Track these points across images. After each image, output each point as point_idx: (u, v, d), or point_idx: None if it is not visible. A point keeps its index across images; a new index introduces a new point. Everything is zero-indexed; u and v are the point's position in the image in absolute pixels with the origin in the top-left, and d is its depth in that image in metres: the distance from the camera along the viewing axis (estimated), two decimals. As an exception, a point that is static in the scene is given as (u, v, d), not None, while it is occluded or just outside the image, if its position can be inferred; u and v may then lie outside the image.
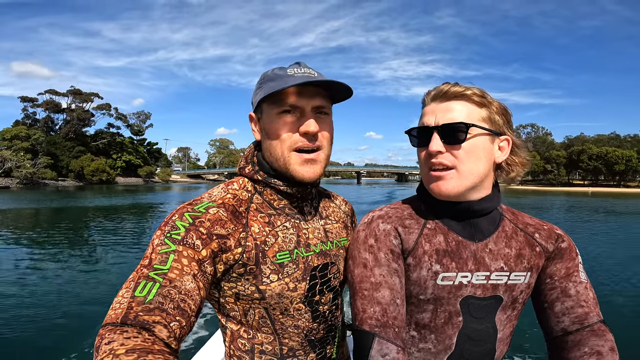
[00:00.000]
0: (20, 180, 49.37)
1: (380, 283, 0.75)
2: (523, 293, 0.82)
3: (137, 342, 0.53)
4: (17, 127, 56.07)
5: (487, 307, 0.80)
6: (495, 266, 0.80)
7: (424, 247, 0.79)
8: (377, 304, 0.74)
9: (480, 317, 0.80)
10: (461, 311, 0.79)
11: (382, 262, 0.77)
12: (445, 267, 0.78)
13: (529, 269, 0.82)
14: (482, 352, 0.80)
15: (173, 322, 0.59)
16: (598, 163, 61.75)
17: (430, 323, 0.80)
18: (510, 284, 0.80)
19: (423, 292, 0.78)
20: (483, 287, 0.79)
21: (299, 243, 0.82)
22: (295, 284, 0.79)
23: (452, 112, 0.76)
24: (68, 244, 10.54)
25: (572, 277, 0.81)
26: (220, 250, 0.72)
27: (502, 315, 0.81)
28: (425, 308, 0.79)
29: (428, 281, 0.78)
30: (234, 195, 0.80)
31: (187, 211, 0.73)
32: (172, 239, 0.68)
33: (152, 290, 0.60)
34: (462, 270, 0.78)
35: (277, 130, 0.79)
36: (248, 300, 0.78)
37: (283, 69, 0.80)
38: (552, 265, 0.83)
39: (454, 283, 0.78)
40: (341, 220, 0.96)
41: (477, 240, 0.81)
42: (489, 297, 0.80)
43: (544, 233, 0.85)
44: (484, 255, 0.80)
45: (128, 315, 0.57)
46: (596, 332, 0.76)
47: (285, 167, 0.79)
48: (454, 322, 0.79)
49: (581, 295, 0.79)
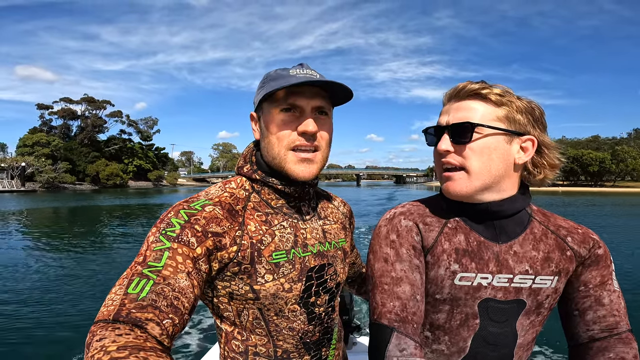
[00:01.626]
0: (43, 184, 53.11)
1: (401, 278, 0.75)
2: (549, 298, 0.79)
3: (129, 339, 0.52)
4: (37, 134, 59.71)
5: (508, 311, 0.78)
6: (520, 269, 0.77)
7: (443, 246, 0.78)
8: (397, 299, 0.73)
9: (499, 320, 0.78)
10: (479, 314, 0.77)
11: (404, 257, 0.76)
12: (464, 267, 0.76)
13: (556, 273, 0.79)
14: (497, 357, 0.78)
15: (166, 320, 0.59)
16: (574, 165, 66.97)
17: (445, 324, 0.78)
18: (535, 287, 0.78)
19: (439, 291, 0.77)
20: (505, 289, 0.77)
21: (296, 243, 0.81)
22: (291, 285, 0.78)
23: (464, 112, 0.76)
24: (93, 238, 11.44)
25: (607, 286, 0.79)
26: (215, 248, 0.71)
27: (524, 320, 0.79)
28: (441, 308, 0.78)
29: (445, 280, 0.77)
30: (231, 193, 0.80)
31: (183, 208, 0.73)
32: (167, 236, 0.67)
33: (146, 287, 0.60)
34: (482, 272, 0.77)
35: (275, 128, 0.79)
36: (242, 300, 0.77)
37: (286, 69, 0.81)
38: (587, 272, 0.80)
39: (472, 284, 0.76)
40: (339, 221, 0.96)
41: (502, 242, 0.78)
42: (511, 300, 0.77)
43: (577, 237, 0.82)
44: (508, 258, 0.78)
45: (120, 312, 0.56)
46: (623, 340, 0.76)
47: (281, 165, 0.80)
48: (470, 324, 0.77)
49: (614, 305, 0.78)
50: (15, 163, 53.13)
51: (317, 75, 0.80)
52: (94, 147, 66.37)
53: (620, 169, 66.08)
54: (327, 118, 0.83)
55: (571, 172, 69.83)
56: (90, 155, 63.53)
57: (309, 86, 0.78)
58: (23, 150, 57.13)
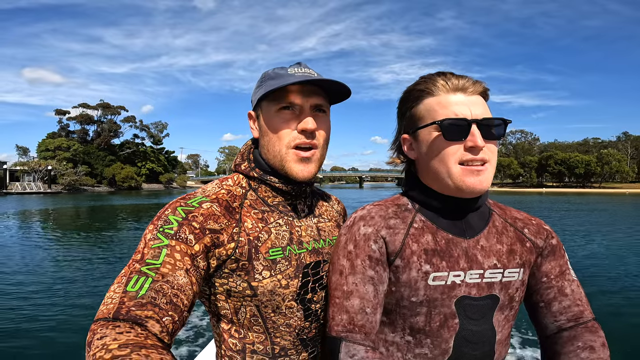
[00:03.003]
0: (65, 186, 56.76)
1: (351, 292, 0.76)
2: (519, 291, 0.82)
3: (129, 337, 0.53)
4: (58, 139, 63.48)
5: (483, 308, 0.78)
6: (489, 263, 0.79)
7: (412, 248, 0.77)
8: (345, 312, 0.75)
9: (477, 318, 0.78)
10: (457, 313, 0.77)
11: (358, 269, 0.77)
12: (435, 266, 0.76)
13: (521, 265, 0.81)
14: (480, 355, 0.78)
15: (166, 317, 0.59)
16: (562, 167, 71.11)
17: (425, 327, 0.77)
18: (505, 281, 0.79)
19: (415, 293, 0.77)
20: (478, 286, 0.78)
21: (291, 240, 0.82)
22: (288, 281, 0.79)
23: (483, 107, 0.76)
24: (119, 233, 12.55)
25: (566, 276, 0.82)
26: (213, 245, 0.72)
27: (499, 315, 0.80)
28: (418, 311, 0.77)
29: (419, 282, 0.76)
30: (227, 191, 0.81)
31: (180, 205, 0.73)
32: (165, 234, 0.68)
33: (145, 285, 0.60)
34: (454, 269, 0.77)
35: (275, 127, 0.80)
36: (239, 298, 0.77)
37: (284, 68, 0.82)
38: (547, 263, 0.83)
39: (447, 283, 0.77)
40: (334, 219, 0.97)
41: (469, 237, 0.80)
42: (485, 296, 0.78)
43: (532, 228, 0.85)
44: (476, 253, 0.79)
45: (120, 311, 0.57)
46: (590, 329, 0.79)
47: (282, 164, 0.80)
48: (450, 324, 0.77)
49: (576, 294, 0.81)
50: (39, 166, 56.82)
51: (315, 74, 0.81)
52: (110, 151, 69.97)
53: (605, 171, 70.14)
54: (325, 116, 0.84)
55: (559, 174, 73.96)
56: (107, 158, 67.13)
57: (307, 85, 0.79)
58: (45, 154, 60.82)
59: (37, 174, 56.71)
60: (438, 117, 0.76)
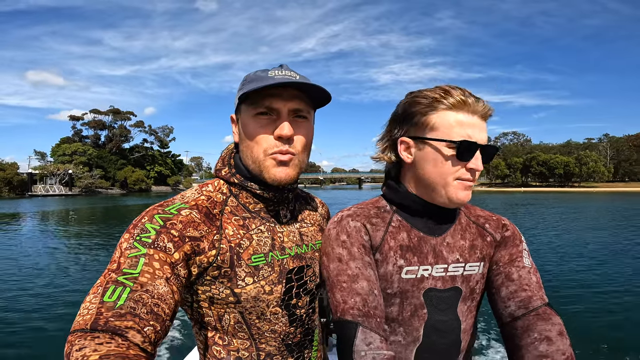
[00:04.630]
0: (82, 189, 60.57)
1: (357, 275, 0.78)
2: (479, 283, 0.87)
3: (110, 348, 0.52)
4: (74, 144, 67.30)
5: (448, 299, 0.84)
6: (452, 258, 0.85)
7: (390, 243, 0.83)
8: (357, 295, 0.76)
9: (443, 308, 0.84)
10: (425, 303, 0.83)
11: (357, 255, 0.80)
12: (408, 261, 0.83)
13: (481, 258, 0.87)
14: (448, 343, 0.84)
15: (147, 327, 0.58)
16: (543, 168, 76.51)
17: (398, 316, 0.83)
18: (466, 274, 0.85)
19: (390, 286, 0.82)
20: (442, 279, 0.84)
21: (273, 246, 0.82)
22: (272, 287, 0.79)
23: (485, 133, 0.81)
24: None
25: (515, 263, 0.86)
26: (194, 253, 0.71)
27: (462, 306, 0.86)
28: (392, 302, 0.83)
29: (394, 275, 0.82)
30: (208, 197, 0.79)
31: (158, 213, 0.71)
32: (142, 242, 0.66)
33: (123, 295, 0.59)
34: (423, 264, 0.83)
35: (252, 133, 0.78)
36: (223, 305, 0.77)
37: (265, 70, 0.80)
38: (498, 252, 0.89)
39: (417, 276, 0.83)
40: (317, 223, 0.96)
41: (437, 235, 0.86)
42: (449, 288, 0.84)
43: (493, 223, 0.92)
44: (442, 249, 0.85)
45: (98, 321, 0.55)
46: (542, 315, 0.78)
47: (260, 169, 0.79)
48: (420, 314, 0.83)
49: (523, 280, 0.83)
50: (57, 170, 60.58)
51: (297, 77, 0.78)
52: (121, 155, 73.94)
53: (583, 172, 75.55)
54: (306, 121, 0.81)
55: (540, 175, 79.44)
56: (119, 162, 71.03)
57: (286, 88, 0.76)
58: (63, 158, 64.63)
59: (56, 177, 60.53)
60: (453, 134, 0.78)
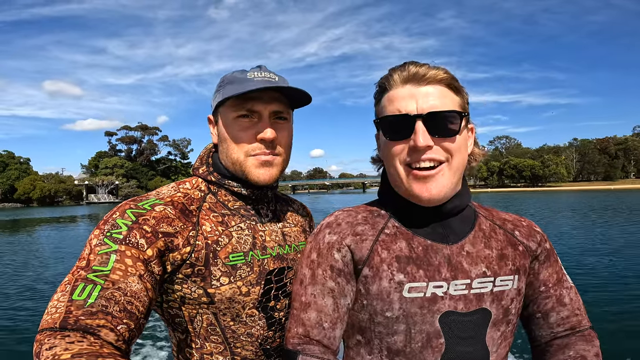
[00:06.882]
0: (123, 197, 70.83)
1: (309, 304, 0.71)
2: (515, 302, 0.72)
3: (82, 346, 0.50)
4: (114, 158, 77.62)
5: (473, 324, 0.68)
6: (477, 271, 0.69)
7: (381, 255, 0.70)
8: (301, 325, 0.70)
9: (466, 337, 0.68)
10: (442, 331, 0.67)
11: (318, 279, 0.71)
12: (410, 276, 0.68)
13: (515, 271, 0.72)
14: None
15: (120, 325, 0.56)
16: (514, 171, 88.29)
17: (405, 348, 0.68)
18: (497, 291, 0.70)
19: (389, 308, 0.68)
20: (465, 298, 0.68)
21: (254, 245, 0.79)
22: (249, 288, 0.76)
23: (437, 99, 0.66)
24: None
25: (564, 283, 0.77)
26: (167, 249, 0.69)
27: (494, 333, 0.70)
28: (395, 329, 0.68)
29: (392, 294, 0.68)
30: (185, 194, 0.78)
31: (130, 208, 0.70)
32: (113, 238, 0.64)
33: (93, 293, 0.57)
34: (434, 279, 0.68)
35: (233, 135, 0.77)
36: (195, 305, 0.74)
37: (244, 72, 0.79)
38: (544, 270, 0.76)
39: (425, 295, 0.67)
40: (300, 224, 0.94)
41: (451, 243, 0.71)
42: (474, 311, 0.68)
43: (523, 230, 0.78)
44: (461, 260, 0.70)
45: (67, 320, 0.54)
46: (585, 337, 0.74)
47: (242, 169, 0.78)
48: (434, 345, 0.67)
49: (575, 303, 0.76)
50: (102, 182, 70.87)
51: (276, 78, 0.78)
52: (151, 166, 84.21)
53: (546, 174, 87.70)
54: (286, 122, 0.82)
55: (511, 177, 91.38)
56: (149, 173, 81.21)
57: (267, 91, 0.76)
58: (105, 171, 74.89)
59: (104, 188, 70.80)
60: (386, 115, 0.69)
